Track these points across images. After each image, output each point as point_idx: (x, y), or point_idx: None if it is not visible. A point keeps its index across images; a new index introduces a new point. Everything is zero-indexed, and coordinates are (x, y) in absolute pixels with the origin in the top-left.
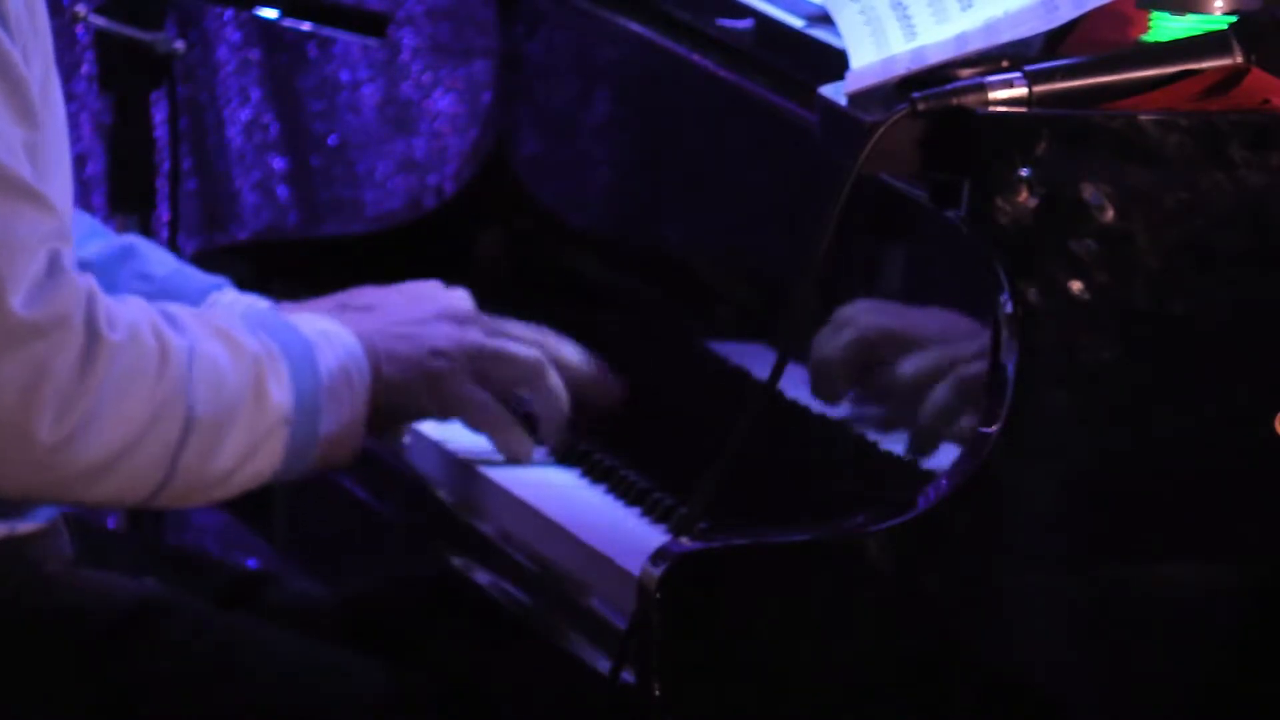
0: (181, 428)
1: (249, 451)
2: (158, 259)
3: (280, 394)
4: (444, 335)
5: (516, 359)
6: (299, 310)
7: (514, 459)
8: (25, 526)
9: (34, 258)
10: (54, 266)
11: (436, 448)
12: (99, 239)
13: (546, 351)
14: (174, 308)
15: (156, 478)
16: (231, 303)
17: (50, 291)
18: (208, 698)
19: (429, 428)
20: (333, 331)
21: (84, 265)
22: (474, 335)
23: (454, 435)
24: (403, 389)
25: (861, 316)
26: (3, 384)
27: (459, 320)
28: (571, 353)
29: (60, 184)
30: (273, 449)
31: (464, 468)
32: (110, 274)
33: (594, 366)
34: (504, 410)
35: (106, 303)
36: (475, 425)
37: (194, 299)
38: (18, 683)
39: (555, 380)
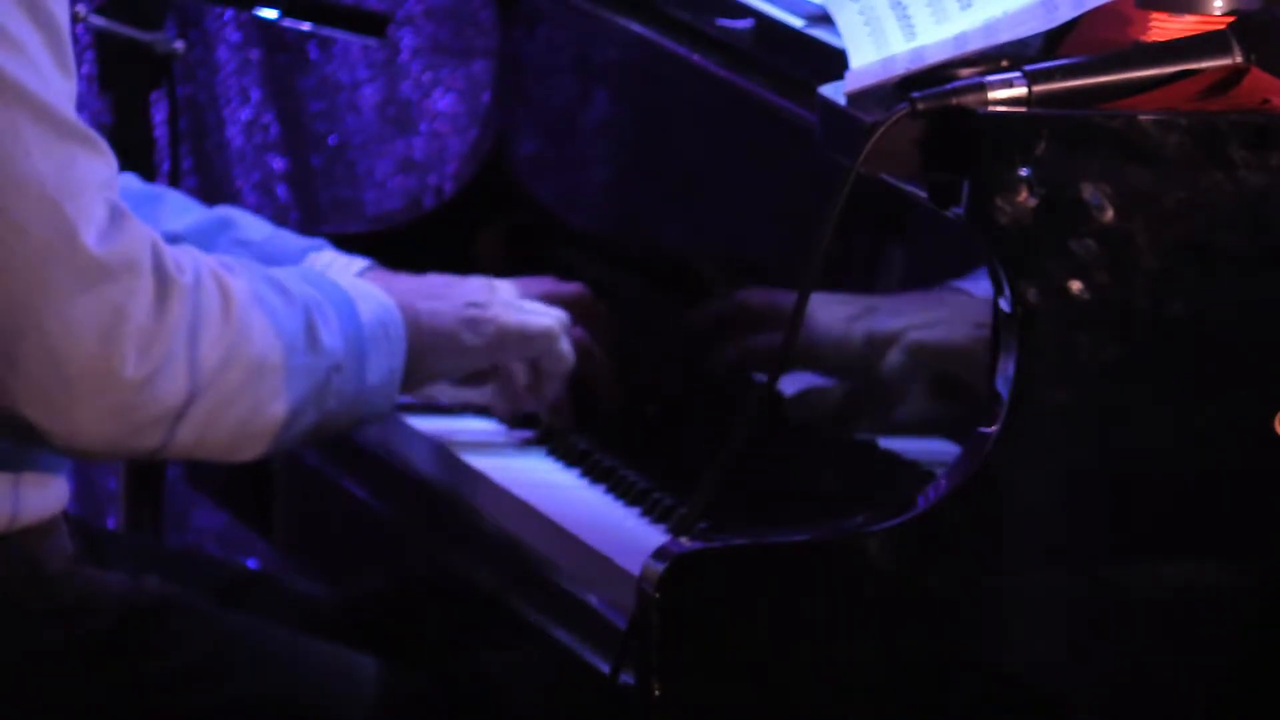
0: (247, 370)
1: (305, 397)
2: (254, 226)
3: (330, 340)
4: (476, 289)
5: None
6: (390, 279)
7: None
8: (26, 518)
9: (95, 200)
10: (115, 211)
11: (437, 447)
12: (193, 212)
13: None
14: (229, 257)
15: (229, 423)
16: (329, 262)
17: (117, 234)
18: (208, 697)
19: (429, 427)
20: (363, 285)
21: (178, 238)
22: (506, 291)
23: (454, 436)
24: (442, 335)
25: (861, 316)
26: (83, 325)
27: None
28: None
29: None
30: (328, 396)
31: (464, 468)
32: (208, 242)
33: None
34: (556, 322)
35: (169, 249)
36: (522, 351)
37: (294, 260)
38: (18, 682)
39: (565, 345)
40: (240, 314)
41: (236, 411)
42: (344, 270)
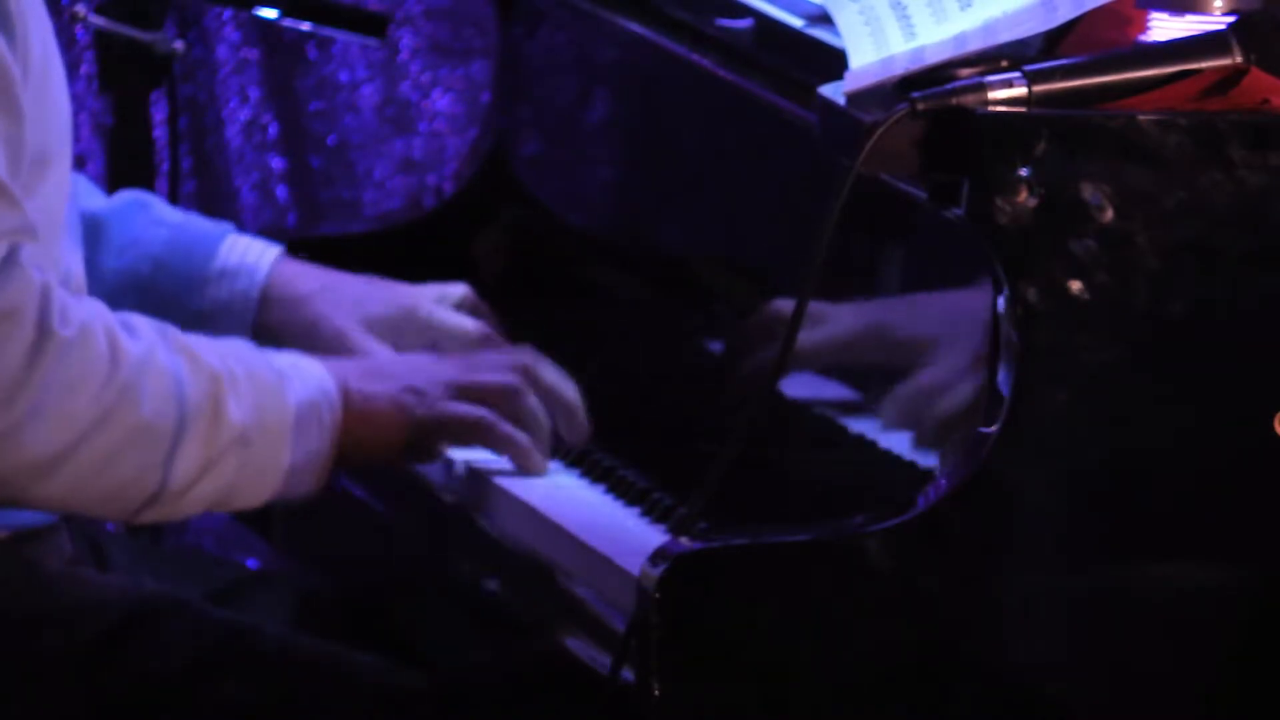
0: (129, 432)
1: (204, 467)
2: (168, 210)
3: (240, 414)
4: (420, 372)
5: (489, 386)
6: (313, 269)
7: (526, 471)
8: (27, 525)
9: None
10: (9, 260)
11: None
12: (94, 197)
13: (526, 374)
14: (136, 318)
15: (105, 483)
16: (245, 248)
17: (1, 284)
18: (207, 698)
19: None
20: (305, 365)
21: (97, 215)
22: (449, 372)
23: None
24: (378, 423)
25: (861, 316)
26: None
27: (437, 358)
28: (552, 374)
29: (59, 171)
30: (227, 469)
31: (463, 468)
32: (127, 220)
33: (573, 391)
34: (489, 416)
35: (62, 300)
36: (466, 441)
37: (206, 243)
38: (18, 683)
39: (531, 401)
40: (129, 374)
41: (118, 472)
42: (260, 256)
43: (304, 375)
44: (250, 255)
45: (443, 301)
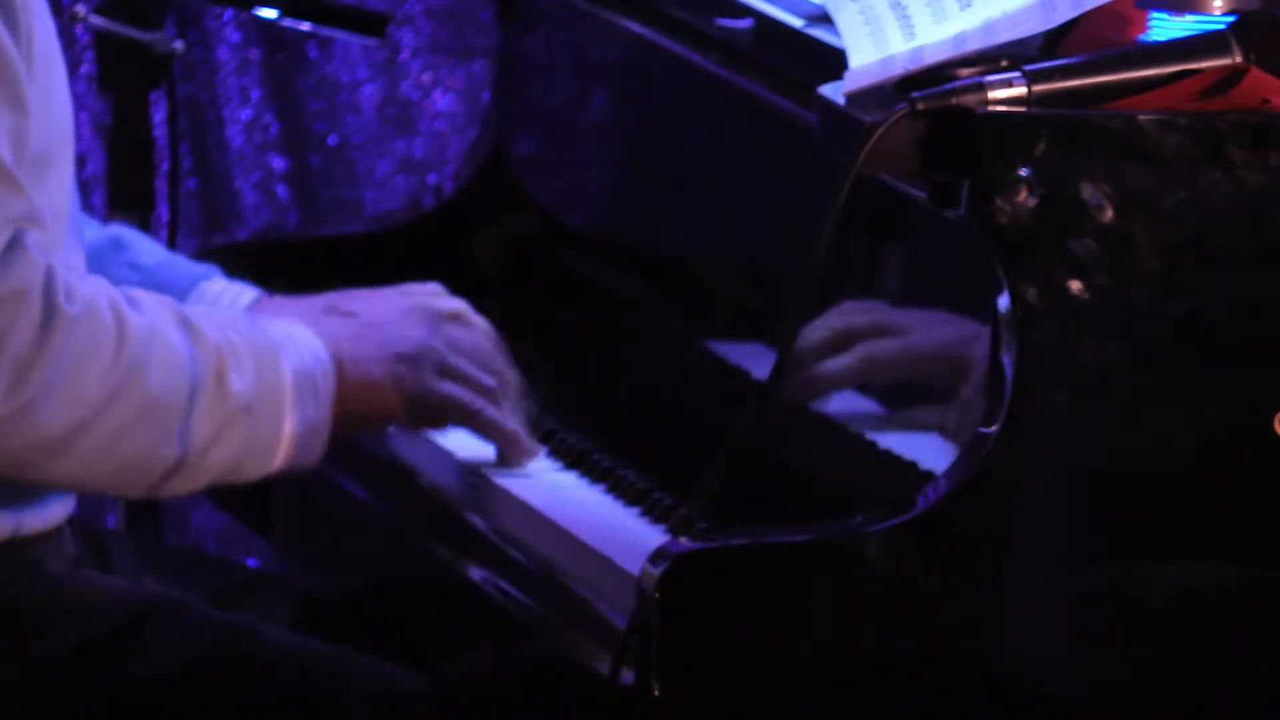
0: (139, 407)
1: (211, 438)
2: (146, 249)
3: (242, 384)
4: (411, 339)
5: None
6: (285, 305)
7: (509, 456)
8: (31, 527)
9: None
10: (14, 243)
11: (436, 449)
12: (86, 229)
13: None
14: (138, 292)
15: (117, 458)
16: (221, 292)
17: (7, 266)
18: (208, 698)
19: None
20: (298, 334)
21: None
22: (441, 339)
23: (453, 437)
24: (370, 391)
25: (860, 316)
26: None
27: (432, 324)
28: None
29: (61, 168)
30: (233, 439)
31: (463, 468)
32: (101, 263)
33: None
34: (483, 403)
35: (66, 279)
36: (456, 422)
37: (184, 287)
38: (18, 683)
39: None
40: (136, 350)
41: (128, 448)
42: (235, 300)
43: (296, 343)
44: (223, 301)
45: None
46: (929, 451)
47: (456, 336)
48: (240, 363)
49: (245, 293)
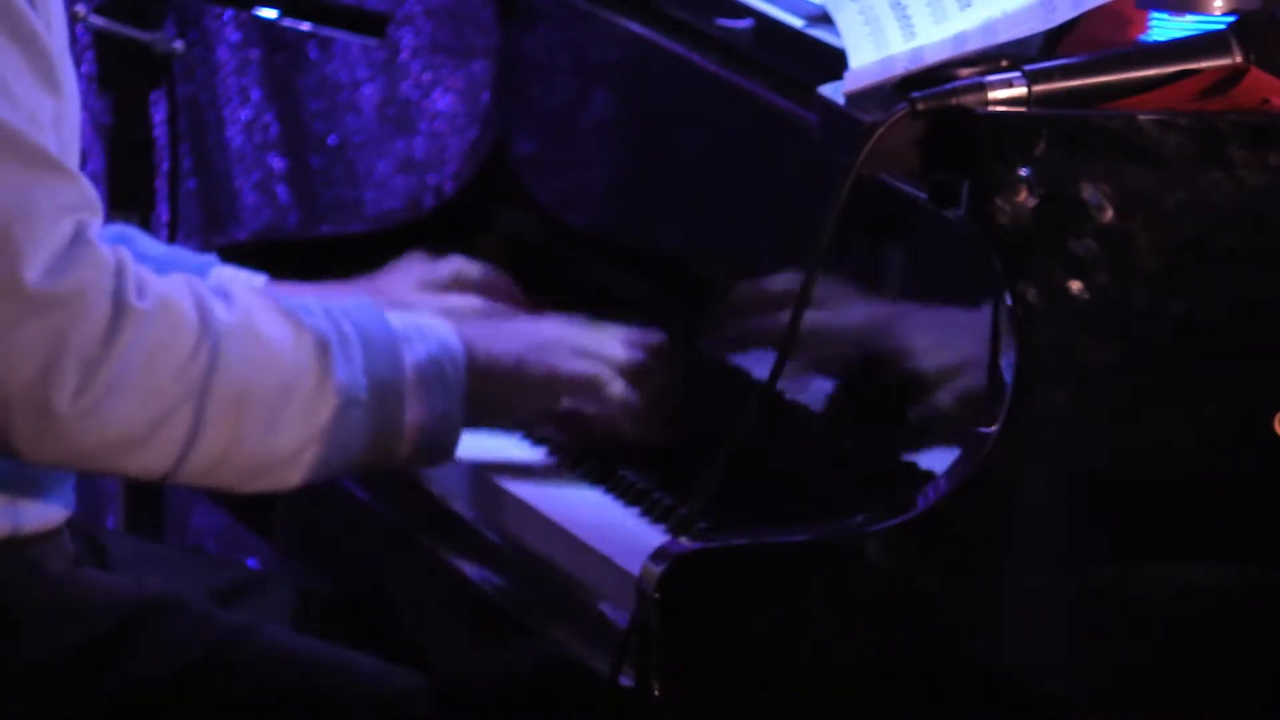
0: (225, 400)
1: (311, 432)
2: (149, 243)
3: (348, 375)
4: (544, 331)
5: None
6: (296, 290)
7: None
8: (30, 527)
9: (55, 227)
10: (79, 236)
11: None
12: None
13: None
14: (234, 286)
15: (203, 452)
16: (230, 279)
17: (72, 261)
18: (208, 698)
19: None
20: (428, 324)
21: None
22: (576, 339)
23: None
24: (505, 382)
25: (860, 316)
26: (22, 354)
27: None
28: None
29: (71, 160)
30: (343, 432)
31: (463, 468)
32: None
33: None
34: (610, 374)
35: (139, 273)
36: (588, 403)
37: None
38: (18, 683)
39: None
40: (221, 344)
41: (215, 441)
42: (245, 285)
43: (425, 335)
44: (235, 285)
45: (427, 288)
46: (929, 451)
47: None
48: (349, 354)
49: (252, 280)
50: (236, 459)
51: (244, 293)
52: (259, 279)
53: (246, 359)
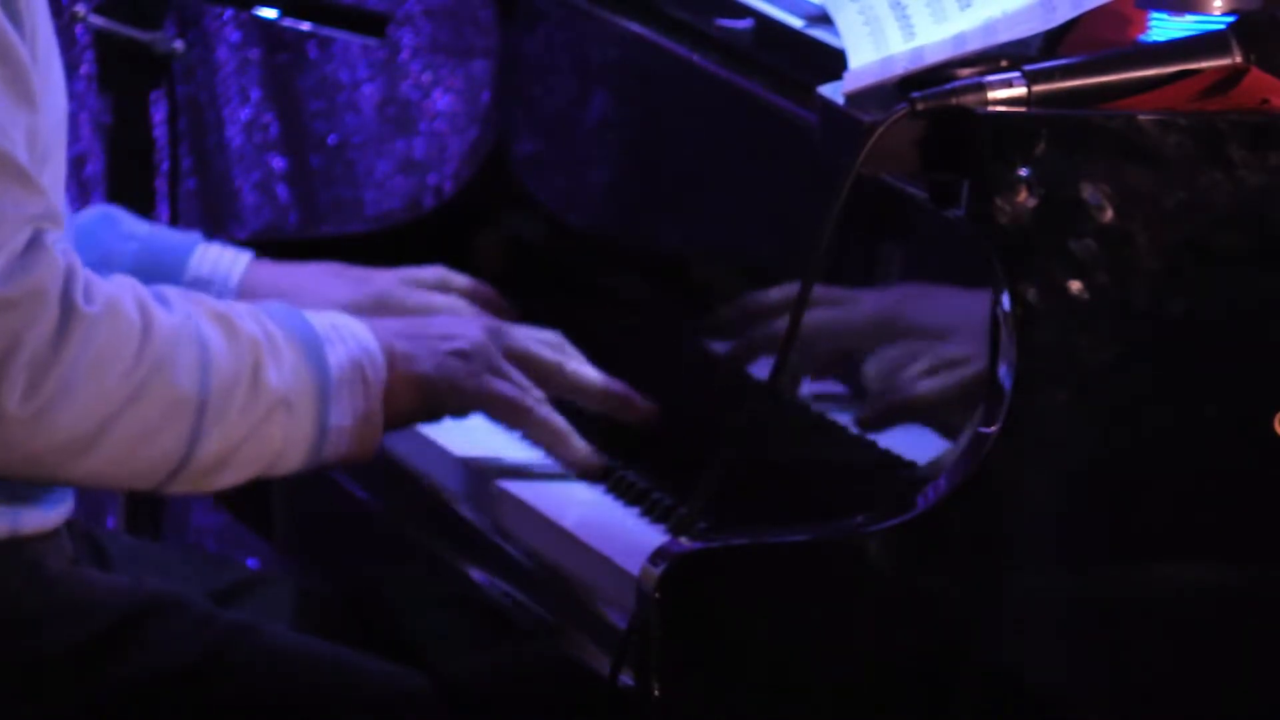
0: (166, 404)
1: (246, 434)
2: (135, 222)
3: (279, 378)
4: (465, 337)
5: (535, 357)
6: (284, 268)
7: (561, 455)
8: (30, 527)
9: (14, 235)
10: (34, 243)
11: (435, 448)
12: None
13: (564, 357)
14: (169, 289)
15: (143, 456)
16: (217, 256)
17: (26, 267)
18: (208, 698)
19: (425, 427)
20: (344, 325)
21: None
22: (490, 335)
23: (452, 437)
24: (421, 386)
25: (860, 316)
26: None
27: (477, 321)
28: (585, 368)
29: (55, 165)
30: (272, 433)
31: (463, 467)
32: (96, 239)
33: (611, 382)
34: (531, 399)
35: (87, 277)
36: (502, 419)
37: (182, 252)
38: (18, 683)
39: (577, 375)
40: (162, 347)
41: (157, 445)
42: (234, 261)
43: (344, 336)
44: (222, 263)
45: (413, 284)
46: (929, 452)
47: (512, 334)
48: (279, 357)
49: (240, 257)
50: (175, 461)
51: (180, 297)
52: (245, 256)
53: (186, 363)
